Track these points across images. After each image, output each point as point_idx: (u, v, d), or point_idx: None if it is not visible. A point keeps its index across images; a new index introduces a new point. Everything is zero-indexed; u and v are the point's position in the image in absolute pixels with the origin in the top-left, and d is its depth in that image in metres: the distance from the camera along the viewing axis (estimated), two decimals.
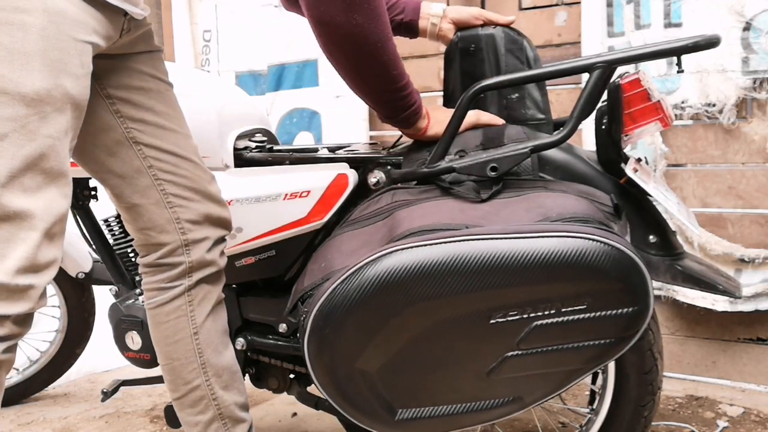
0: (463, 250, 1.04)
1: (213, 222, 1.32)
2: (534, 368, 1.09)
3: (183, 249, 1.29)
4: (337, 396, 1.14)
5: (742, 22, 1.95)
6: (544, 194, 1.17)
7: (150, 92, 1.25)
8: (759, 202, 2.05)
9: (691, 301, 2.08)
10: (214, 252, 1.33)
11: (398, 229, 1.13)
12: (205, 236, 1.31)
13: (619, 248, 1.02)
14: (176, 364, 1.32)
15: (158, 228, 1.28)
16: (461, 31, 1.43)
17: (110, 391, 1.70)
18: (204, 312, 1.32)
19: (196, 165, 1.30)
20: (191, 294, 1.31)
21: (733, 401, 2.00)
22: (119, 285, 1.79)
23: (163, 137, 1.26)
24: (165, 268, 1.30)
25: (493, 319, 1.06)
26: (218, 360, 1.34)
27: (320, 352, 1.11)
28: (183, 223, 1.28)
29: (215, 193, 1.33)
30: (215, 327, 1.34)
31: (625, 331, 1.06)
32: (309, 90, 2.77)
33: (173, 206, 1.27)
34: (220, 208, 1.34)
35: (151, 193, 1.26)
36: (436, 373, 1.11)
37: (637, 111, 1.21)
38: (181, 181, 1.28)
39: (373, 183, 1.40)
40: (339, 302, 1.08)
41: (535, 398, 1.13)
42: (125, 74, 1.23)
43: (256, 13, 2.82)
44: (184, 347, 1.31)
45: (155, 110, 1.25)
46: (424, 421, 1.13)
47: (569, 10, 2.31)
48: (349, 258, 1.15)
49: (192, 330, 1.31)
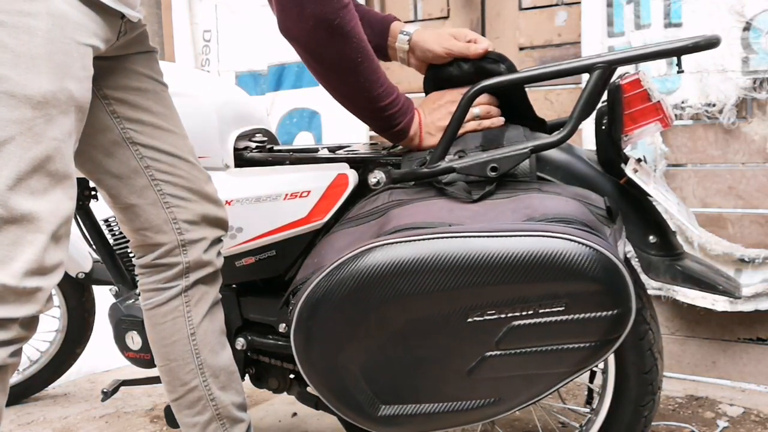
0: (440, 247, 1.04)
1: (210, 222, 1.32)
2: (514, 369, 1.08)
3: (180, 249, 1.29)
4: (323, 389, 1.15)
5: (742, 22, 1.95)
6: (535, 195, 1.17)
7: (146, 93, 1.26)
8: (759, 202, 2.05)
9: (691, 301, 2.08)
10: (211, 252, 1.32)
11: (386, 227, 1.13)
12: (202, 236, 1.31)
13: (598, 250, 1.01)
14: (173, 365, 1.32)
15: (155, 228, 1.27)
16: (433, 70, 1.38)
17: (110, 391, 1.70)
18: (201, 313, 1.32)
19: (192, 165, 1.30)
20: (188, 295, 1.30)
21: (733, 401, 2.00)
22: (119, 285, 1.79)
23: (159, 137, 1.26)
24: (162, 268, 1.30)
25: (470, 318, 1.06)
26: (215, 360, 1.34)
27: (306, 344, 1.12)
28: (180, 224, 1.28)
29: (212, 194, 1.33)
30: (212, 327, 1.34)
31: (607, 334, 1.05)
32: (309, 90, 2.77)
33: (170, 206, 1.27)
34: (216, 209, 1.33)
35: (147, 194, 1.26)
36: (418, 370, 1.11)
37: (637, 111, 1.21)
38: (178, 181, 1.28)
39: (373, 183, 1.40)
40: (322, 296, 1.08)
41: (519, 401, 1.12)
42: (122, 75, 1.23)
43: (256, 13, 2.82)
44: (181, 348, 1.31)
45: (152, 111, 1.25)
46: (406, 418, 1.13)
47: (569, 10, 2.31)
48: (340, 254, 1.15)
49: (189, 331, 1.31)
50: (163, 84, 1.30)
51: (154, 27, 3.15)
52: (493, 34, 2.43)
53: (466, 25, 2.47)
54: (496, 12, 2.42)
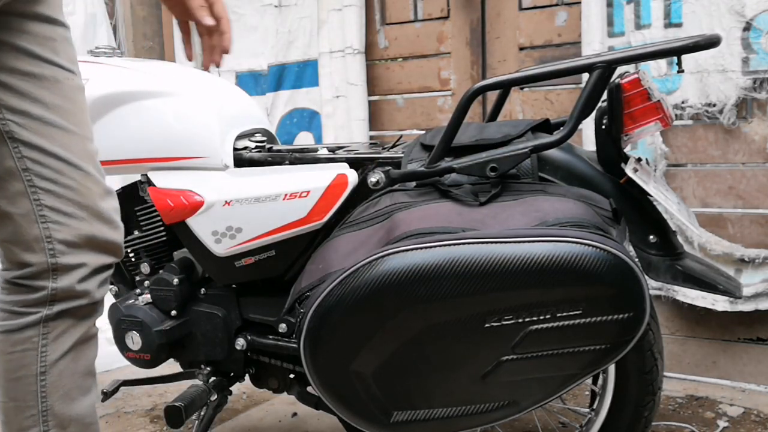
0: (458, 253, 1.04)
1: (96, 246, 1.09)
2: (529, 373, 1.09)
3: (49, 274, 1.06)
4: (333, 397, 1.14)
5: (742, 22, 1.95)
6: (542, 198, 1.17)
7: (41, 80, 1.03)
8: (759, 202, 2.05)
9: (691, 301, 2.08)
10: (89, 282, 1.09)
11: (395, 232, 1.13)
12: (81, 262, 1.08)
13: (615, 254, 1.02)
14: (11, 405, 1.09)
15: (23, 245, 1.05)
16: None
17: (110, 391, 1.70)
18: (60, 350, 1.08)
19: (86, 175, 1.07)
20: (48, 326, 1.07)
21: (734, 401, 2.00)
22: (119, 285, 1.79)
23: (48, 136, 1.03)
24: (23, 289, 1.07)
25: (488, 323, 1.06)
26: (67, 409, 1.10)
27: (316, 353, 1.11)
28: (55, 244, 1.06)
29: (106, 212, 1.10)
30: (73, 368, 1.10)
31: (621, 336, 1.06)
32: (309, 90, 2.77)
33: (46, 222, 1.05)
34: (110, 231, 1.11)
35: (21, 202, 1.04)
36: (432, 376, 1.11)
37: (637, 111, 1.21)
38: (64, 192, 1.05)
39: (372, 183, 1.40)
40: (335, 304, 1.08)
41: (532, 402, 1.13)
42: (10, 55, 1.01)
43: (256, 13, 2.82)
44: (25, 388, 1.08)
45: (44, 102, 1.03)
46: (419, 423, 1.14)
47: (569, 10, 2.30)
48: (347, 259, 1.15)
49: (39, 368, 1.08)
50: (70, 71, 1.07)
51: (155, 27, 3.15)
52: (493, 34, 2.43)
53: (466, 25, 2.47)
54: (496, 12, 2.42)
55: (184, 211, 1.48)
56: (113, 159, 1.53)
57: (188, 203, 1.47)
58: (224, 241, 1.47)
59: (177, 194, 1.49)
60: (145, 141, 1.52)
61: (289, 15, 2.73)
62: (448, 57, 2.51)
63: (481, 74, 2.45)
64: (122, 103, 1.53)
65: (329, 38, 2.61)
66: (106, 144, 1.53)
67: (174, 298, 1.55)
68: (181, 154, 1.51)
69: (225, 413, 2.03)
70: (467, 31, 2.47)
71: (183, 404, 1.47)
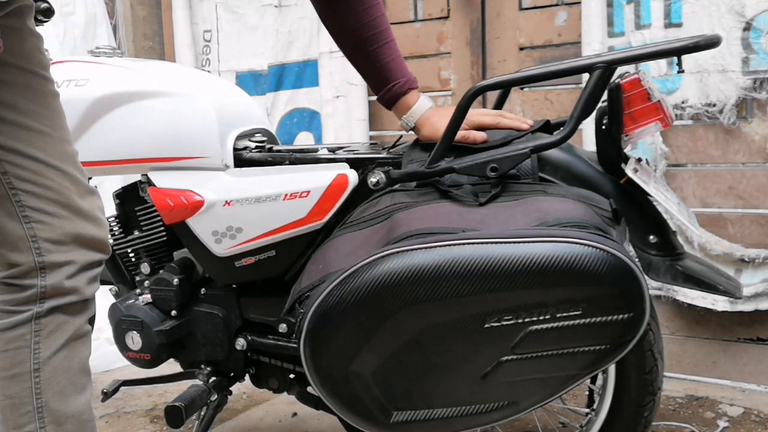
0: (458, 254, 1.04)
1: (82, 243, 1.13)
2: (529, 373, 1.09)
3: (37, 272, 1.10)
4: (333, 397, 1.15)
5: (742, 22, 1.95)
6: (542, 198, 1.17)
7: (13, 86, 1.07)
8: (759, 202, 2.05)
9: (691, 301, 2.08)
10: (78, 279, 1.13)
11: (396, 232, 1.13)
12: (69, 260, 1.11)
13: (614, 254, 1.02)
14: (7, 403, 1.11)
15: (9, 245, 1.09)
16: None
17: (110, 391, 1.70)
18: (53, 346, 1.11)
19: (65, 175, 1.11)
20: (40, 323, 1.11)
21: (734, 401, 2.00)
22: (119, 285, 1.79)
23: (24, 139, 1.07)
24: (12, 288, 1.11)
25: (488, 324, 1.06)
26: (62, 405, 1.12)
27: (316, 353, 1.11)
28: (40, 243, 1.09)
29: (88, 210, 1.14)
30: (67, 366, 1.13)
31: (622, 337, 1.06)
32: (309, 90, 2.77)
33: (30, 221, 1.09)
34: (94, 228, 1.15)
35: (3, 204, 1.08)
36: (431, 376, 1.11)
37: (638, 111, 1.21)
38: (43, 192, 1.09)
39: (373, 183, 1.39)
40: (335, 304, 1.08)
41: (532, 403, 1.13)
42: None
43: (256, 13, 2.82)
44: (20, 385, 1.10)
45: (17, 107, 1.07)
46: (419, 423, 1.14)
47: (569, 10, 2.30)
48: (347, 260, 1.15)
49: (33, 365, 1.10)
50: (43, 77, 1.12)
51: (155, 27, 3.15)
52: (493, 34, 2.43)
53: (466, 25, 2.47)
54: (496, 12, 2.42)
55: (185, 211, 1.48)
56: (113, 159, 1.53)
57: (188, 203, 1.48)
58: (224, 241, 1.47)
59: (177, 194, 1.49)
60: (146, 141, 1.52)
61: (290, 15, 2.73)
62: (448, 57, 2.51)
63: (481, 74, 2.45)
64: (122, 103, 1.53)
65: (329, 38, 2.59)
66: (106, 144, 1.53)
67: (174, 298, 1.55)
68: (182, 154, 1.51)
69: (225, 413, 2.03)
70: (467, 31, 2.47)
71: (183, 404, 1.48)
